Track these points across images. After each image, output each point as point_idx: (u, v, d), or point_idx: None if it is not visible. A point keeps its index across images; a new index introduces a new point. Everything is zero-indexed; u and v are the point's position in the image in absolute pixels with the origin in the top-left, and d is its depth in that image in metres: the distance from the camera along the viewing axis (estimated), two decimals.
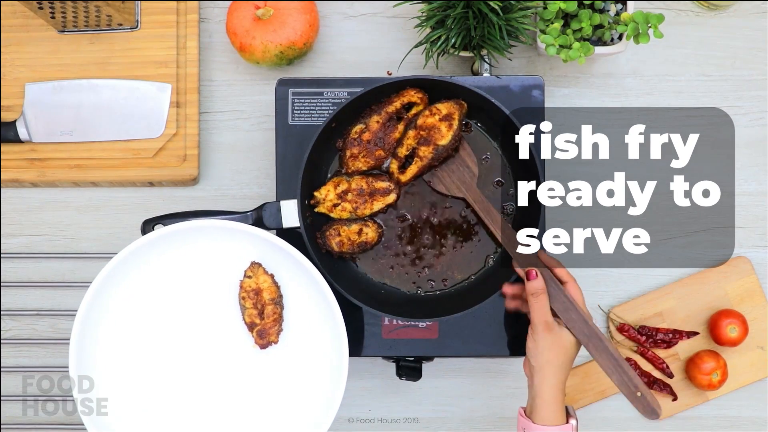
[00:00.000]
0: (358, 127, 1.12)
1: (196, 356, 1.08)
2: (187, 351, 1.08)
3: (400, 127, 1.12)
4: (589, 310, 1.25)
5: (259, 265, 1.08)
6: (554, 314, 1.04)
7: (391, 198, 1.13)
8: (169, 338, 1.08)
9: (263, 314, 1.07)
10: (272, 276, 1.08)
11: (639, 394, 1.02)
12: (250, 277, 1.07)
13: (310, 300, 1.08)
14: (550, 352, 1.02)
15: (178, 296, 1.08)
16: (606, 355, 1.03)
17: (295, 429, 1.07)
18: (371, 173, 1.14)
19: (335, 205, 1.11)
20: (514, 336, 1.14)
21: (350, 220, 1.12)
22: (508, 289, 1.09)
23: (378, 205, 1.13)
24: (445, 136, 1.08)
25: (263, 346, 1.08)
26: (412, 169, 1.11)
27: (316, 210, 1.12)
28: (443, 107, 1.09)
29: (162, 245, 1.06)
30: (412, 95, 1.12)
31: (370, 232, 1.13)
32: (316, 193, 1.11)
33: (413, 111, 1.13)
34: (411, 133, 1.10)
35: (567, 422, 1.02)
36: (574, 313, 1.04)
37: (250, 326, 1.08)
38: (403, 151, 1.10)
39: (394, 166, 1.12)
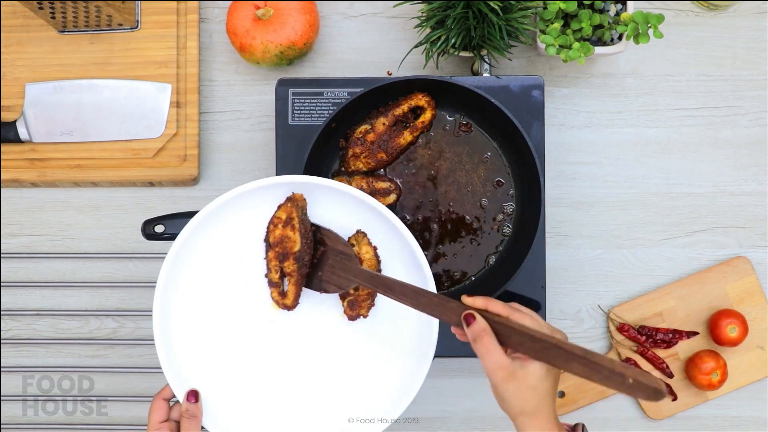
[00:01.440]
0: (363, 128, 1.13)
1: (281, 317, 1.03)
2: (271, 310, 1.03)
3: (406, 134, 1.13)
4: (586, 315, 1.25)
5: (365, 235, 1.02)
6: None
7: (392, 198, 1.13)
8: (252, 294, 1.02)
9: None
10: (375, 248, 1.02)
11: (630, 380, 0.81)
12: (353, 245, 1.02)
13: (409, 281, 0.99)
14: (520, 399, 0.87)
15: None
16: (574, 360, 0.84)
17: (369, 407, 1.02)
18: (372, 174, 1.14)
19: None
20: None
21: None
22: (458, 332, 0.94)
23: None
24: (296, 241, 0.98)
25: (352, 318, 1.03)
26: (291, 290, 1.01)
27: None
28: (281, 212, 0.99)
29: (257, 199, 1.00)
30: (420, 99, 1.12)
31: None
32: None
33: (421, 119, 1.13)
34: (270, 254, 1.00)
35: None
36: (519, 336, 0.87)
37: (343, 295, 1.03)
38: (274, 276, 1.00)
39: (275, 294, 1.01)
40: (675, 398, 1.22)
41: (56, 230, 1.26)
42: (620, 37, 1.18)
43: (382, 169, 1.15)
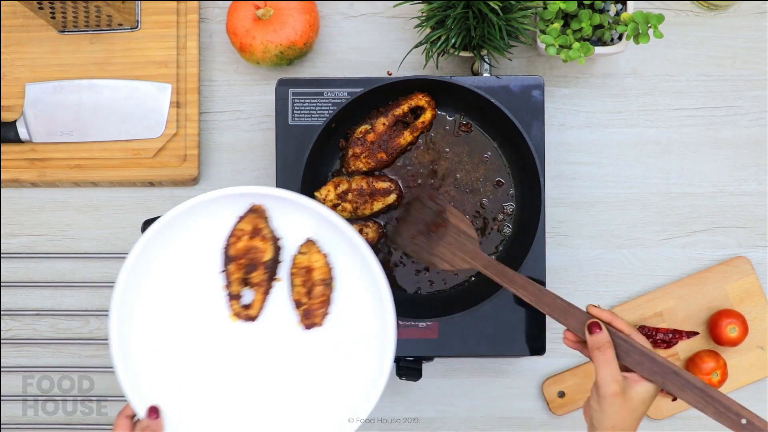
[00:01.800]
0: (363, 128, 1.13)
1: (240, 328, 1.03)
2: (229, 322, 1.03)
3: (407, 134, 1.13)
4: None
5: (314, 242, 1.02)
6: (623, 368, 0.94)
7: (392, 198, 1.13)
8: (209, 307, 1.03)
9: (311, 294, 1.02)
10: (326, 256, 1.02)
11: (744, 421, 0.88)
12: (303, 253, 1.02)
13: (362, 287, 1.01)
14: (618, 416, 0.91)
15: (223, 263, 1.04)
16: (691, 390, 0.91)
17: (328, 417, 1.02)
18: (372, 174, 1.14)
19: (335, 206, 1.12)
20: (514, 336, 1.14)
21: (350, 220, 1.12)
22: (570, 336, 0.99)
23: (378, 206, 1.13)
24: (266, 250, 1.01)
25: (307, 327, 1.03)
26: (259, 299, 1.02)
27: None
28: (244, 224, 1.01)
29: (207, 210, 1.01)
30: (420, 99, 1.12)
31: (370, 232, 1.13)
32: (316, 193, 1.12)
33: (421, 119, 1.13)
34: (231, 267, 1.01)
35: None
36: (640, 356, 0.93)
37: (297, 304, 1.02)
38: (236, 288, 1.02)
39: (236, 306, 1.02)
40: (675, 398, 1.22)
41: (56, 230, 1.26)
42: (620, 37, 1.18)
43: (382, 169, 1.15)
